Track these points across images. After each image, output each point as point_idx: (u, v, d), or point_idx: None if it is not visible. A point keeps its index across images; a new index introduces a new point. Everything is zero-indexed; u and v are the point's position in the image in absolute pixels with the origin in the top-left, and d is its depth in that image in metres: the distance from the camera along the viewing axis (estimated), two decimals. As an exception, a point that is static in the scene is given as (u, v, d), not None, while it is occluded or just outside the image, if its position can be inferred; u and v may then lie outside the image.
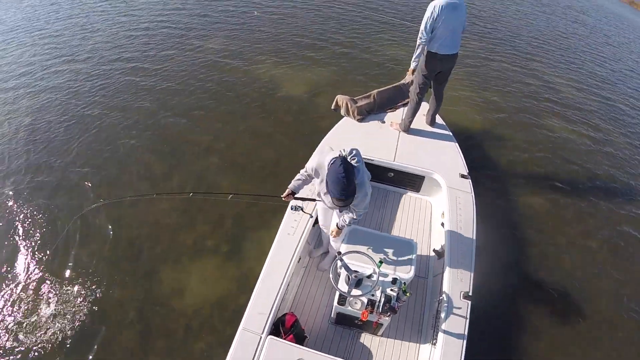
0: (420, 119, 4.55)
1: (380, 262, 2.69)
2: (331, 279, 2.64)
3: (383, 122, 4.57)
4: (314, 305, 3.33)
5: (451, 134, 4.52)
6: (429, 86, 4.31)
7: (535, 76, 8.73)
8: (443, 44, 3.84)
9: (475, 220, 3.51)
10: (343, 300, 2.75)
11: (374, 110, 4.64)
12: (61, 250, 4.08)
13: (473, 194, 3.76)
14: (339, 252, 2.71)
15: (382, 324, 2.90)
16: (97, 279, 3.83)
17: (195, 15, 9.73)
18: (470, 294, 2.93)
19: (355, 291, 2.64)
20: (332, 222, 3.07)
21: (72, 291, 3.73)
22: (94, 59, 7.59)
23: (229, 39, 8.51)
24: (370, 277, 2.68)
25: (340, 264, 2.68)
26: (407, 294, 2.64)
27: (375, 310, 2.61)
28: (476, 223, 3.49)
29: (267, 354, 2.45)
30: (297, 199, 2.95)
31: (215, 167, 5.13)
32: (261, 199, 3.15)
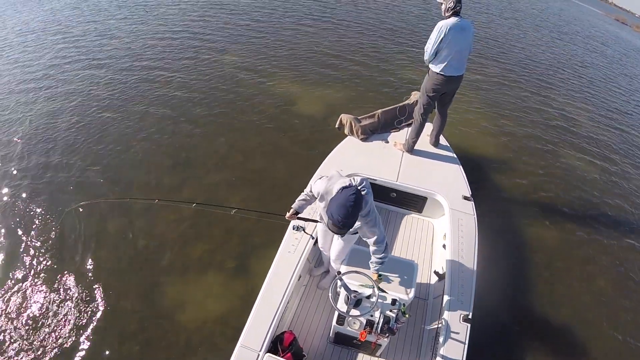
0: (424, 140, 4.60)
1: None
2: (330, 298, 2.65)
3: (387, 142, 4.62)
4: (312, 323, 3.32)
5: (455, 155, 4.54)
6: (433, 107, 4.36)
7: (549, 104, 8.78)
8: (449, 65, 3.87)
9: (477, 242, 3.51)
10: (342, 320, 2.75)
11: (377, 130, 4.71)
12: (64, 256, 4.12)
13: (476, 216, 3.76)
14: (338, 272, 2.73)
15: (381, 345, 2.89)
16: (100, 288, 3.83)
17: (214, 27, 10.07)
18: (470, 317, 2.91)
19: (354, 311, 2.65)
20: (332, 247, 3.09)
21: (72, 298, 3.74)
22: (112, 65, 7.89)
23: (246, 53, 8.75)
24: (370, 297, 2.69)
25: (339, 283, 2.70)
26: (406, 315, 2.64)
27: (374, 331, 2.61)
28: (478, 246, 3.49)
29: None
30: (300, 219, 2.98)
31: (225, 181, 5.19)
32: (265, 216, 3.17)
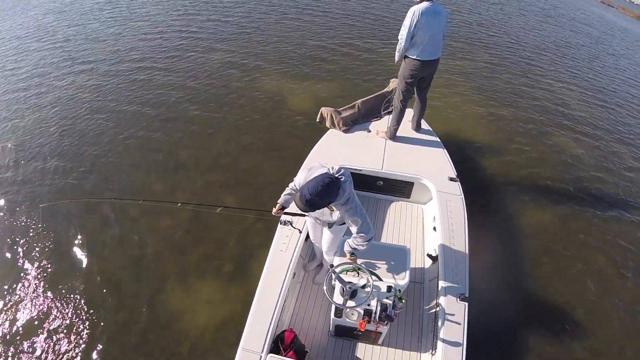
0: (406, 126, 4.61)
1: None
2: (326, 292, 2.64)
3: (369, 131, 4.61)
4: (312, 319, 3.32)
5: (438, 138, 4.56)
6: (412, 92, 4.36)
7: (536, 85, 8.70)
8: (424, 49, 3.87)
9: (467, 222, 3.53)
10: (340, 313, 2.74)
11: (359, 120, 4.69)
12: (60, 267, 4.09)
13: (463, 196, 3.78)
14: (331, 265, 2.72)
15: (381, 333, 2.89)
16: (100, 299, 3.82)
17: (199, 25, 9.96)
18: (467, 295, 2.93)
19: (350, 302, 2.64)
20: (323, 239, 3.08)
21: (72, 311, 3.71)
22: (98, 68, 7.88)
23: (232, 49, 8.65)
24: (365, 287, 2.68)
25: (334, 276, 2.68)
26: (402, 300, 2.64)
27: (373, 320, 2.61)
28: (468, 225, 3.51)
29: None
30: (287, 214, 2.95)
31: (219, 181, 5.17)
32: (251, 212, 3.14)
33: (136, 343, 3.49)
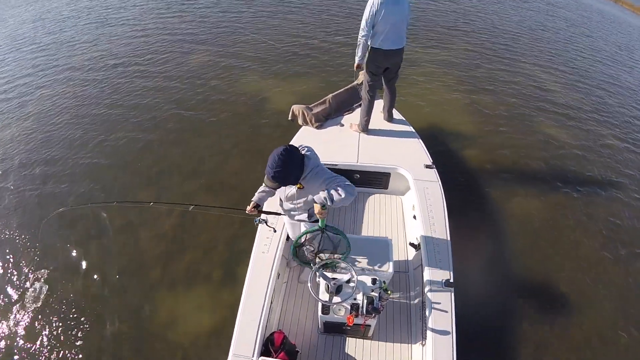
0: (379, 117, 4.61)
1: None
2: (311, 289, 2.60)
3: (342, 125, 4.59)
4: (300, 318, 3.29)
5: (412, 127, 4.58)
6: (380, 83, 4.35)
7: (515, 71, 8.60)
8: (386, 39, 3.86)
9: (446, 207, 3.56)
10: (327, 309, 2.71)
11: (331, 115, 4.66)
12: (46, 281, 4.01)
13: (440, 182, 3.81)
14: (314, 264, 2.68)
15: (370, 326, 2.88)
16: (88, 311, 3.74)
17: (175, 28, 9.74)
18: (452, 281, 2.95)
19: (336, 298, 2.61)
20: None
21: (61, 326, 3.62)
22: (76, 76, 7.66)
23: (214, 53, 8.48)
24: (349, 282, 2.66)
25: (317, 273, 2.65)
26: (388, 292, 2.63)
27: (360, 314, 2.59)
28: (447, 211, 3.53)
29: None
30: (262, 212, 2.88)
31: (204, 186, 5.11)
32: (224, 211, 3.06)
33: (128, 356, 3.43)
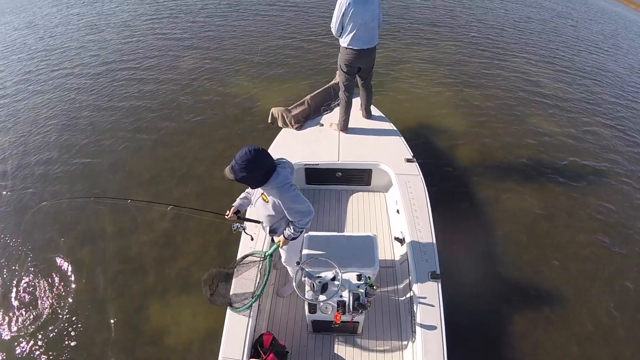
0: (358, 115, 4.63)
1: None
2: (296, 289, 2.58)
3: (321, 125, 4.59)
4: (289, 319, 3.28)
5: (391, 123, 4.60)
6: (354, 83, 4.36)
7: (500, 64, 8.55)
8: (356, 38, 3.85)
9: (429, 200, 3.58)
10: (314, 308, 2.70)
11: (310, 116, 4.66)
12: (37, 293, 3.99)
13: (422, 175, 3.84)
14: (297, 262, 2.66)
15: (359, 322, 2.89)
16: (82, 320, 3.73)
17: (164, 36, 9.64)
18: (438, 272, 2.98)
19: (322, 297, 2.60)
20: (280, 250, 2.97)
21: (55, 333, 3.63)
22: (63, 84, 7.67)
23: (202, 57, 8.43)
24: (334, 279, 2.65)
25: (302, 273, 2.63)
26: (374, 287, 2.63)
27: (347, 311, 2.58)
28: (431, 203, 3.55)
29: None
30: (242, 219, 2.85)
31: (195, 192, 5.06)
32: (203, 213, 3.02)
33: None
